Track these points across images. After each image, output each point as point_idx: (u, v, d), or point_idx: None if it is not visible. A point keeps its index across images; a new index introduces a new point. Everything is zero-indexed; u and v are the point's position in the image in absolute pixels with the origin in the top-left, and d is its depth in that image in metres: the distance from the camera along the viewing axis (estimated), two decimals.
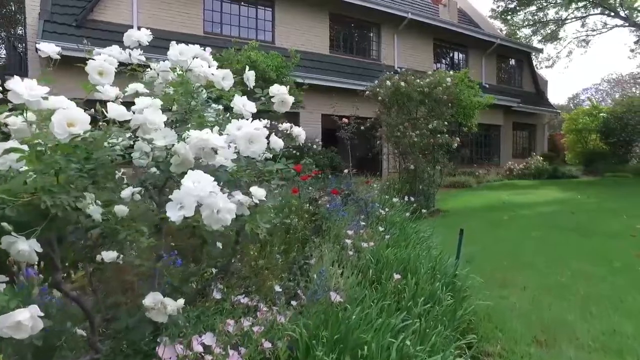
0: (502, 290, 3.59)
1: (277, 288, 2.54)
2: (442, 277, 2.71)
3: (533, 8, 22.76)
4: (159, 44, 11.09)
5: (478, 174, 15.35)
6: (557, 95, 58.44)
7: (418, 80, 7.70)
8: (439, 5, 18.59)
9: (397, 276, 2.43)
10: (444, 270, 2.90)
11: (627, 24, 22.28)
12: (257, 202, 1.45)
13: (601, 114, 18.44)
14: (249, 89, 2.10)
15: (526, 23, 23.64)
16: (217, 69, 1.95)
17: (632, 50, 29.42)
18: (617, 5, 21.31)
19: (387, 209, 4.28)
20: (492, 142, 19.00)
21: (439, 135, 7.82)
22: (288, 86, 1.97)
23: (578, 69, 68.58)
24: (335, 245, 2.96)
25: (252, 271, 2.98)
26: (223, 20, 12.77)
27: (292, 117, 13.00)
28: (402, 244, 3.34)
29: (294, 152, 9.18)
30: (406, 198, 6.66)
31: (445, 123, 7.77)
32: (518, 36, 23.88)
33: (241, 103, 1.63)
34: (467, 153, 17.18)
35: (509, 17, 23.15)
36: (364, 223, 3.48)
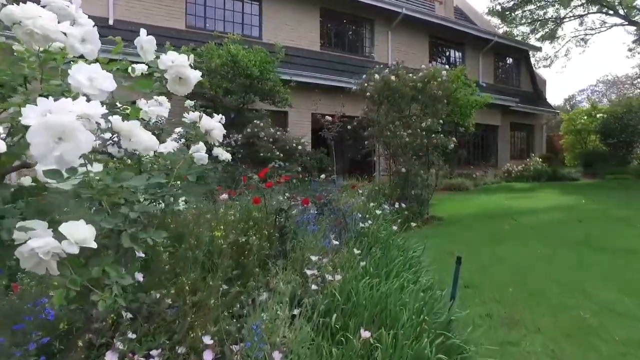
0: (510, 332, 2.81)
1: (207, 339, 1.88)
2: (432, 326, 2.01)
3: (532, 6, 22.20)
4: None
5: (475, 176, 14.78)
6: (553, 96, 58.12)
7: (410, 75, 7.01)
8: (435, 2, 17.99)
9: (365, 334, 1.74)
10: (436, 312, 2.20)
11: (626, 23, 21.77)
12: (74, 250, 0.78)
13: (600, 115, 17.95)
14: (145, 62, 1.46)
15: (524, 21, 23.06)
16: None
17: (630, 50, 28.99)
18: (617, 3, 20.79)
19: (370, 221, 3.61)
20: (490, 142, 18.44)
21: (433, 135, 7.15)
22: (181, 59, 1.31)
23: (574, 70, 68.36)
24: (294, 275, 2.30)
25: (187, 309, 2.31)
26: (207, 14, 12.09)
27: (280, 116, 12.33)
28: (384, 270, 2.65)
29: (278, 154, 8.45)
30: (397, 204, 6.01)
31: (441, 122, 7.09)
32: (515, 35, 23.32)
33: (85, 75, 0.96)
34: (464, 154, 16.62)
35: (506, 15, 22.57)
36: (336, 242, 2.82)
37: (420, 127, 6.94)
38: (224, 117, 3.24)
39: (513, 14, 22.74)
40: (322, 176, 5.01)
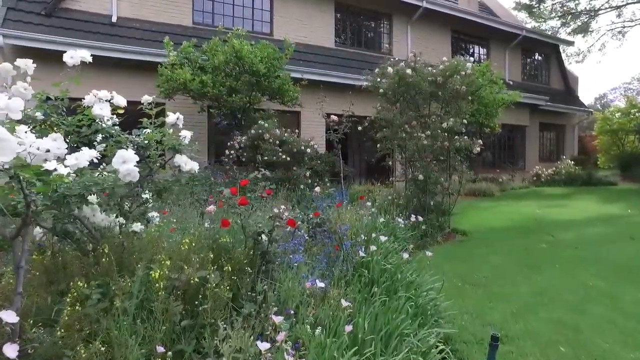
0: None
1: None
2: None
3: None
4: (142, 36, 9.46)
5: (501, 180, 13.72)
6: (583, 94, 55.22)
7: (429, 68, 6.14)
8: None
9: None
10: None
11: None
12: None
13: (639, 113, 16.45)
14: None
15: (554, 14, 21.59)
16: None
17: None
18: None
19: (374, 246, 2.84)
20: (517, 144, 17.28)
21: (456, 137, 6.29)
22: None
23: (605, 67, 65.08)
24: (253, 342, 1.58)
25: None
26: (215, 9, 11.52)
27: (293, 116, 11.68)
28: (384, 330, 1.87)
29: (285, 157, 7.67)
30: (413, 217, 5.21)
31: (464, 122, 6.20)
32: (544, 29, 21.88)
33: None
34: (490, 157, 15.53)
35: (534, 8, 21.14)
36: (322, 285, 2.07)
37: (440, 128, 6.09)
38: (181, 116, 2.52)
39: (542, 7, 21.33)
40: (317, 189, 4.17)
